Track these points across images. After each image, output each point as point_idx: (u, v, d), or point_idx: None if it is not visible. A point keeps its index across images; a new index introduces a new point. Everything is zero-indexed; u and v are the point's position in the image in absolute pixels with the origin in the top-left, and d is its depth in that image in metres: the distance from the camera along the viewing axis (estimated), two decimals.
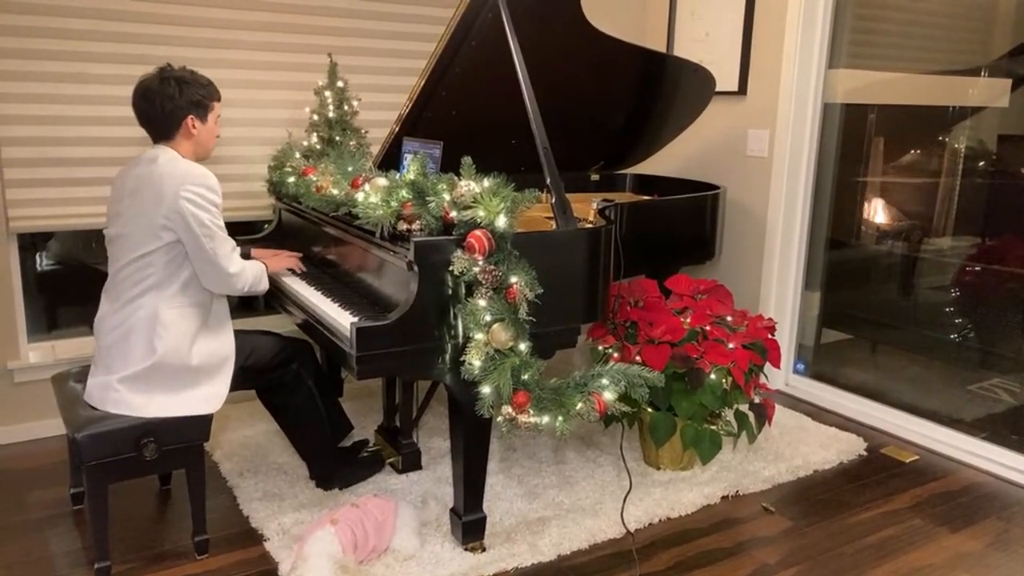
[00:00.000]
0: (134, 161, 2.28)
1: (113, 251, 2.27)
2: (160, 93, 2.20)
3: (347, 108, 3.23)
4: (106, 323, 2.26)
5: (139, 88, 2.23)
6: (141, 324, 2.19)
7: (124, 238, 2.22)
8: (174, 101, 2.20)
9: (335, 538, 2.08)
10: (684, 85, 3.31)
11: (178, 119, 2.23)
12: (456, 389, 2.15)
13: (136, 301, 2.21)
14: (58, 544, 2.37)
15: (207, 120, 2.29)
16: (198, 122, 2.26)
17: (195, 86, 2.25)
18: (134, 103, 2.24)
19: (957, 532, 2.54)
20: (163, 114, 2.21)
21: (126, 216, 2.21)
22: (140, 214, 2.17)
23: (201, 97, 2.26)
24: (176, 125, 2.24)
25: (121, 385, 2.19)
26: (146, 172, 2.20)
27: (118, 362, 2.21)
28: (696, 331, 2.75)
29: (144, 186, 2.18)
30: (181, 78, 2.23)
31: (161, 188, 2.14)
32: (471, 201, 2.01)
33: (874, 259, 3.70)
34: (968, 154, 3.32)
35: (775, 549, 2.42)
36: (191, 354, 2.23)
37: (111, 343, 2.23)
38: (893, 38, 3.53)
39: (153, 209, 2.15)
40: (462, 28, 2.50)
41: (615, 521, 2.51)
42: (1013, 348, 3.17)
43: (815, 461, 2.97)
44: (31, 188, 2.95)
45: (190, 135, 2.26)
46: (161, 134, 2.26)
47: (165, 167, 2.18)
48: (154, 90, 2.21)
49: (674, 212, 3.20)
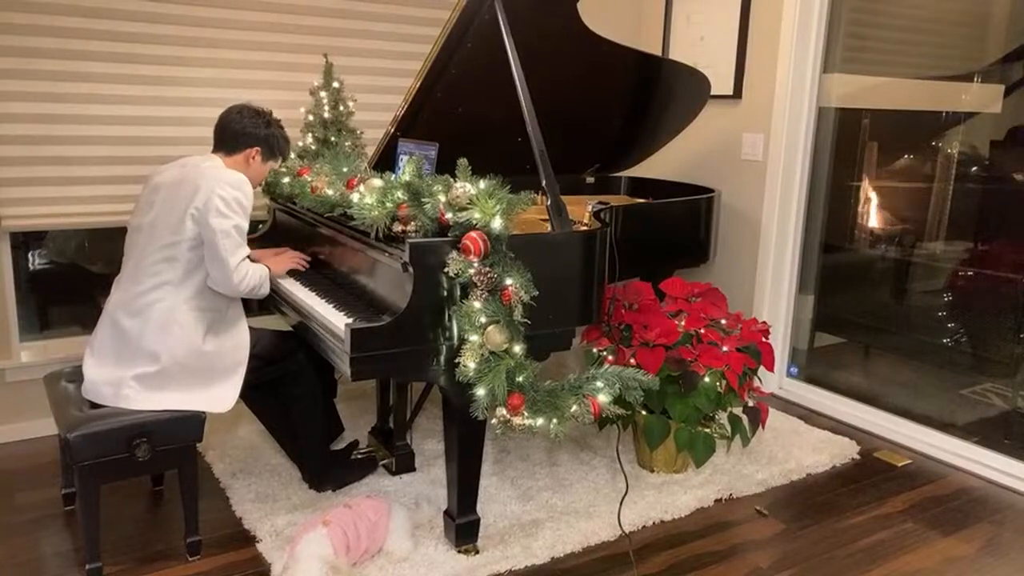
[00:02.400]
0: (182, 161, 2.38)
1: (135, 240, 2.32)
2: (250, 116, 2.40)
3: (343, 109, 3.23)
4: (121, 307, 2.26)
5: (241, 104, 2.44)
6: (158, 318, 2.22)
7: (151, 227, 2.27)
8: (257, 129, 2.40)
9: (327, 539, 2.08)
10: (679, 89, 3.31)
11: (247, 143, 2.40)
12: (450, 391, 2.15)
13: (154, 293, 2.23)
14: (49, 545, 2.36)
15: (265, 163, 2.45)
16: (259, 157, 2.42)
17: (278, 133, 2.46)
18: (226, 111, 2.42)
19: (949, 536, 2.55)
20: (239, 131, 2.38)
21: (159, 205, 2.28)
22: (173, 203, 2.25)
23: (277, 144, 2.45)
24: (242, 147, 2.39)
25: (136, 382, 2.21)
26: (191, 168, 2.31)
27: (129, 355, 2.22)
28: (690, 334, 2.75)
29: (186, 180, 2.27)
30: (275, 121, 2.46)
31: (199, 182, 2.24)
32: (467, 203, 2.01)
33: (867, 263, 3.72)
34: (961, 159, 3.34)
35: (768, 552, 2.42)
36: (204, 350, 2.27)
37: (124, 330, 2.24)
38: (887, 43, 3.54)
39: (187, 200, 2.23)
40: (458, 30, 2.50)
41: (609, 524, 2.51)
42: (1005, 352, 3.18)
43: (808, 464, 2.98)
44: (24, 187, 2.94)
45: (247, 163, 2.40)
46: (225, 147, 2.39)
47: (210, 169, 2.30)
48: (248, 112, 2.41)
49: (669, 215, 3.20)
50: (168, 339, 2.22)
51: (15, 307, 3.06)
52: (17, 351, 3.08)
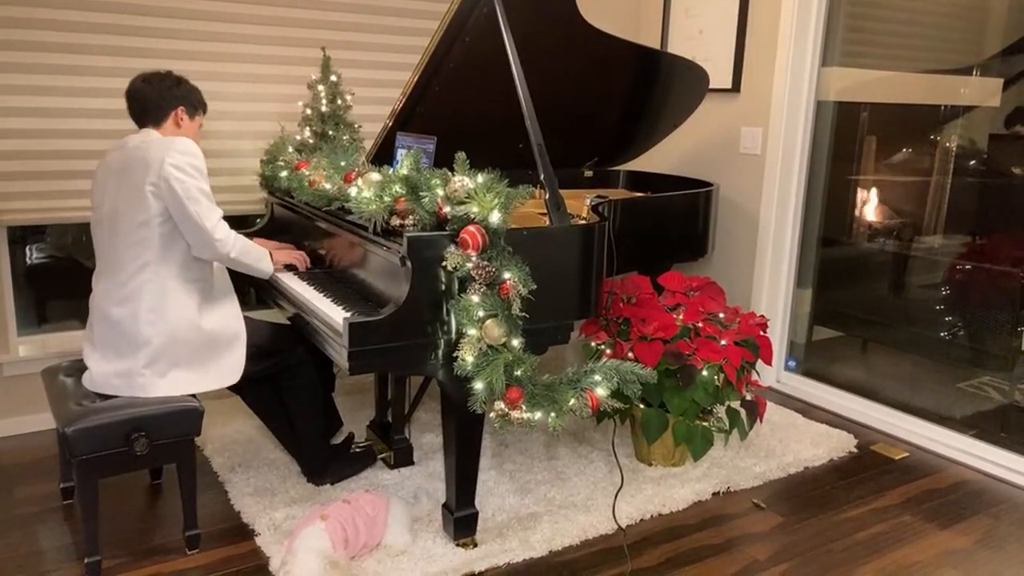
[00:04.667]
0: (118, 144, 2.33)
1: (103, 233, 2.28)
2: (158, 81, 2.34)
3: (340, 102, 3.22)
4: (108, 299, 2.25)
5: (139, 76, 2.36)
6: (149, 300, 2.21)
7: (115, 214, 2.24)
8: (171, 91, 2.35)
9: (325, 533, 2.08)
10: (678, 82, 3.31)
11: (170, 106, 2.34)
12: (449, 385, 2.15)
13: (138, 276, 2.22)
14: (48, 539, 2.36)
15: (193, 119, 2.40)
16: (185, 116, 2.37)
17: (190, 88, 2.40)
18: (132, 87, 2.34)
19: (946, 529, 2.56)
20: (158, 98, 2.33)
21: (114, 192, 2.24)
22: (128, 185, 2.21)
23: (194, 98, 2.40)
24: (167, 111, 2.34)
25: (147, 370, 2.21)
26: (132, 148, 2.26)
27: (129, 345, 2.22)
28: (688, 328, 2.76)
29: (132, 161, 2.23)
30: (181, 78, 2.39)
31: (148, 157, 2.20)
32: (465, 197, 2.01)
33: (865, 257, 3.72)
34: (959, 153, 3.34)
35: (765, 545, 2.43)
36: (202, 324, 2.28)
37: (116, 321, 2.23)
38: (886, 37, 3.54)
39: (141, 177, 2.18)
40: (456, 23, 2.49)
41: (607, 517, 2.51)
42: (1002, 346, 3.19)
43: (806, 458, 2.99)
44: (21, 181, 2.93)
45: (177, 126, 2.36)
46: (151, 118, 2.34)
47: (153, 143, 2.24)
48: (154, 78, 2.34)
49: (667, 209, 3.20)
50: (164, 319, 2.22)
51: (13, 301, 3.06)
52: (15, 345, 3.07)
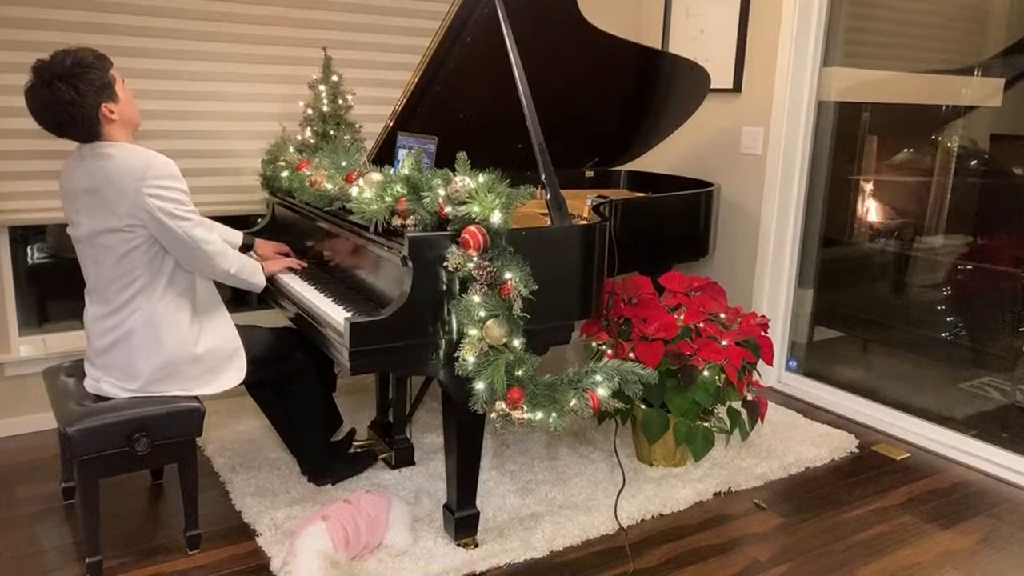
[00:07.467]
0: (75, 155, 2.16)
1: (88, 252, 2.19)
2: (59, 102, 2.02)
3: (341, 102, 3.22)
4: (100, 326, 2.23)
5: (34, 104, 2.05)
6: (140, 327, 2.18)
7: (94, 242, 2.14)
8: (77, 104, 2.03)
9: (326, 534, 2.08)
10: (679, 82, 3.31)
11: (93, 116, 2.07)
12: (450, 385, 2.15)
13: (129, 305, 2.18)
14: (49, 539, 2.36)
15: (118, 97, 2.12)
16: (112, 104, 2.10)
17: (86, 73, 2.03)
18: (40, 120, 2.07)
19: (947, 529, 2.55)
20: (76, 121, 2.06)
21: (87, 216, 2.12)
22: (104, 213, 2.09)
23: (99, 79, 2.06)
24: (95, 122, 2.09)
25: (153, 389, 2.22)
26: (98, 168, 2.08)
27: (124, 372, 2.21)
28: (689, 328, 2.75)
29: (100, 184, 2.07)
30: (67, 74, 2.01)
31: (121, 186, 2.05)
32: (466, 197, 2.01)
33: (867, 257, 3.71)
34: (960, 153, 3.34)
35: (767, 546, 2.43)
36: (197, 349, 2.25)
37: (107, 347, 2.21)
38: (887, 37, 3.54)
39: (116, 207, 2.07)
40: (457, 23, 2.49)
41: (608, 517, 2.51)
42: (1004, 346, 3.18)
43: (807, 458, 2.98)
44: (22, 181, 2.93)
45: (112, 121, 2.11)
46: (87, 136, 2.11)
47: (118, 162, 2.07)
48: (51, 102, 2.02)
49: (668, 209, 3.20)
50: (159, 350, 2.19)
51: (14, 301, 3.06)
52: (16, 345, 3.07)
